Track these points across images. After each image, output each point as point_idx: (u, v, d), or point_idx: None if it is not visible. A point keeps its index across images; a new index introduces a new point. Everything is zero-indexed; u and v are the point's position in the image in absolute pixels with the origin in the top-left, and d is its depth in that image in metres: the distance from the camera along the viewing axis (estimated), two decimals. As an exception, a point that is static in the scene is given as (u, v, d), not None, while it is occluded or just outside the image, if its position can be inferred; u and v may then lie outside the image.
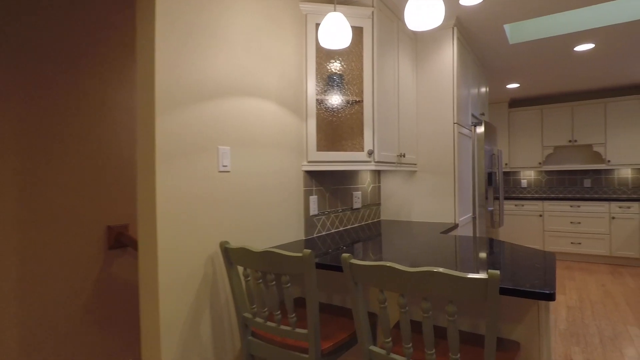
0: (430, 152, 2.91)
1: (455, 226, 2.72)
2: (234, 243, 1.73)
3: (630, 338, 2.75)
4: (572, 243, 5.07)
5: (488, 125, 3.44)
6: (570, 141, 5.34)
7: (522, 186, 5.93)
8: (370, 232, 2.41)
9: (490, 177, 3.48)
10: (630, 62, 4.04)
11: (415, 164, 2.93)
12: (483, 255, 1.66)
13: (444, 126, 2.85)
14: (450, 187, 2.83)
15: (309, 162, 2.21)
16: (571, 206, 5.08)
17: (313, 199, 2.28)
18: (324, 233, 2.38)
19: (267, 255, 1.39)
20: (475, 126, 3.33)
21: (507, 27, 3.17)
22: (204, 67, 1.59)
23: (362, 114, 2.28)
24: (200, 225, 1.56)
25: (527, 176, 5.90)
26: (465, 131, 3.16)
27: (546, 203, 5.23)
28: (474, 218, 3.28)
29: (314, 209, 2.29)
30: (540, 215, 5.26)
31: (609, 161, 5.12)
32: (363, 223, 2.85)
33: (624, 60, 3.94)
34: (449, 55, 2.83)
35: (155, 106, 1.39)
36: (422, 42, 2.93)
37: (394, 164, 2.53)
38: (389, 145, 2.46)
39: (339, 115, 2.29)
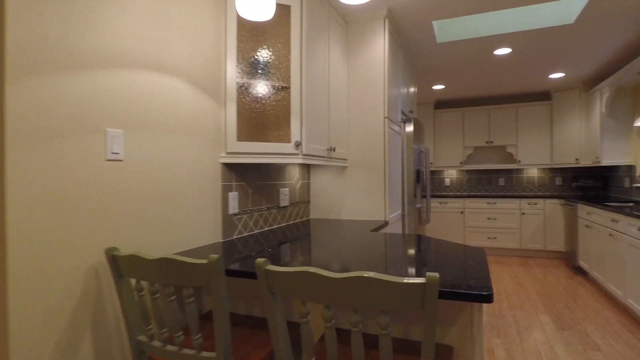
0: (361, 147, 2.80)
1: (386, 224, 2.64)
2: (129, 249, 1.41)
3: (542, 326, 2.91)
4: (488, 238, 5.40)
5: (417, 122, 3.45)
6: (487, 142, 5.70)
7: (446, 184, 6.22)
8: (299, 232, 2.21)
9: (418, 175, 3.50)
10: (540, 69, 4.38)
11: (346, 159, 2.80)
12: (416, 254, 1.55)
13: (375, 121, 2.76)
14: (381, 184, 2.75)
15: (228, 153, 1.94)
16: (488, 203, 5.41)
17: (233, 196, 2.02)
18: (245, 234, 2.13)
19: (163, 263, 1.12)
20: (404, 123, 3.31)
21: (435, 25, 3.20)
22: (92, 30, 1.25)
23: (289, 101, 2.07)
24: (78, 228, 1.22)
25: (450, 175, 6.20)
26: (396, 127, 3.12)
27: (467, 200, 5.51)
28: (403, 215, 3.26)
29: (233, 207, 2.02)
30: (462, 212, 5.53)
31: (519, 161, 5.56)
32: (291, 222, 2.64)
33: (535, 66, 4.25)
34: (380, 47, 2.74)
35: (5, 68, 1.03)
36: (354, 31, 2.82)
37: (323, 158, 2.36)
38: (318, 138, 2.28)
39: (264, 102, 2.05)
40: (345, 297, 0.91)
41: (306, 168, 2.90)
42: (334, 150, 2.47)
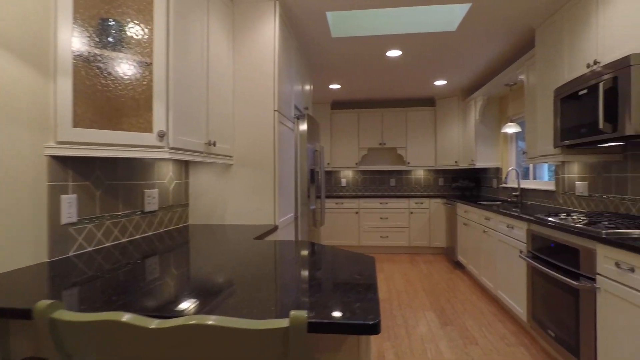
0: (248, 142, 2.50)
1: (275, 228, 2.38)
2: None
3: (428, 323, 2.98)
4: (381, 237, 5.58)
5: (312, 120, 3.28)
6: (380, 144, 5.89)
7: (342, 185, 6.27)
8: (167, 243, 1.81)
9: (312, 175, 3.34)
10: (426, 75, 4.63)
11: (230, 156, 2.47)
12: (296, 270, 1.31)
13: (264, 114, 2.49)
14: (270, 185, 2.48)
15: (59, 143, 1.46)
16: (381, 203, 5.59)
17: (68, 200, 1.53)
18: (90, 249, 1.65)
19: None
20: (298, 119, 3.11)
21: (330, 19, 3.07)
22: None
23: (151, 81, 1.66)
24: None
25: (346, 175, 6.28)
26: (289, 124, 2.89)
27: (361, 201, 5.61)
28: (296, 218, 3.05)
29: (69, 215, 1.54)
30: (357, 213, 5.61)
31: (408, 163, 5.87)
32: (162, 230, 2.20)
33: (422, 72, 4.47)
34: (270, 33, 2.48)
35: None
36: (241, 12, 2.50)
37: (200, 154, 2.00)
38: (192, 129, 1.91)
39: (117, 79, 1.61)
40: (174, 355, 0.61)
41: (183, 165, 2.48)
42: (214, 144, 2.12)
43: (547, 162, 2.95)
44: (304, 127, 3.09)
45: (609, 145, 2.50)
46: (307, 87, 3.85)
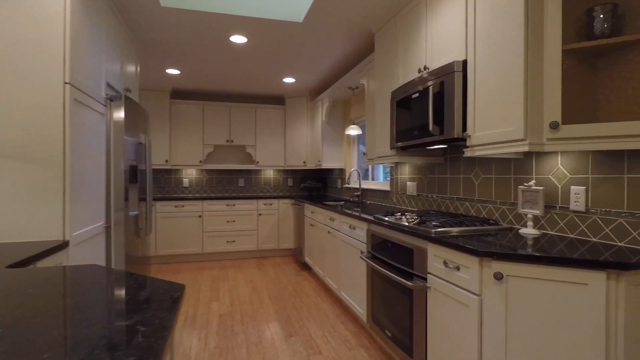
0: (19, 125, 1.75)
1: (64, 245, 1.72)
2: None
3: (272, 337, 2.72)
4: (227, 242, 5.14)
5: (133, 104, 2.63)
6: (228, 141, 5.45)
7: (184, 185, 5.57)
8: None
9: (135, 174, 2.69)
10: (275, 70, 4.42)
11: (-14, 144, 1.68)
12: (39, 326, 0.80)
13: (46, 86, 1.78)
14: (57, 185, 1.79)
15: None
16: (227, 205, 5.15)
17: None
18: None
19: None
20: (112, 101, 2.43)
21: (157, -18, 2.50)
22: None
23: None
24: None
25: (189, 175, 5.60)
26: (97, 106, 2.21)
27: (206, 203, 5.06)
28: (107, 227, 2.37)
29: None
30: (200, 216, 5.03)
31: (258, 162, 5.60)
32: None
33: (270, 65, 4.24)
34: (57, -25, 1.79)
35: None
36: (7, -63, 1.73)
37: None
38: None
39: None
40: None
41: None
42: (-58, 122, 1.35)
43: (383, 163, 3.06)
44: (120, 112, 2.43)
45: (434, 148, 2.71)
46: (132, 66, 3.14)
